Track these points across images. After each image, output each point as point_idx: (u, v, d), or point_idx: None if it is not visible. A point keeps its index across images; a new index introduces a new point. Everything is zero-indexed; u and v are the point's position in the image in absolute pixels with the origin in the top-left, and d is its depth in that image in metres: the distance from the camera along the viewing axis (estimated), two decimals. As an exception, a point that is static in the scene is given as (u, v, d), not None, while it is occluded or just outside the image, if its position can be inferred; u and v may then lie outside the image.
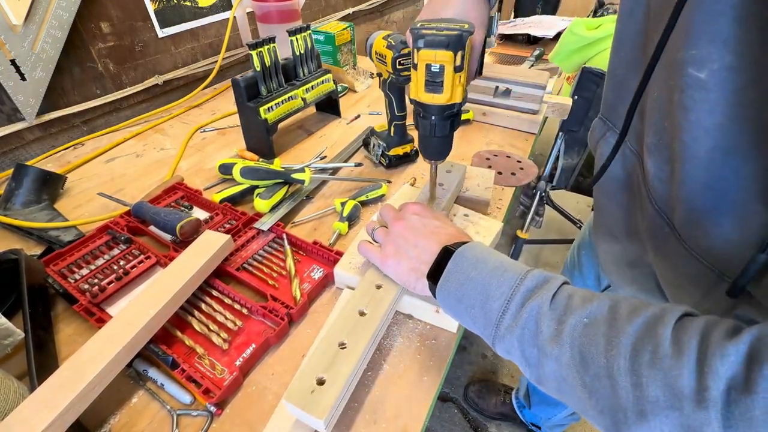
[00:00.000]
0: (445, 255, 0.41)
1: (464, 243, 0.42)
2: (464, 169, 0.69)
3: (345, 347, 0.42)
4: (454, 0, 0.48)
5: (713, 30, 0.30)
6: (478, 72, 0.51)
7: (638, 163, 0.46)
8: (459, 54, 0.42)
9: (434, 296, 0.42)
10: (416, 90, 0.46)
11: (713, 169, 0.34)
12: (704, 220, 0.36)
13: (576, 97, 0.98)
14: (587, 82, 1.32)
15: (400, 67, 0.67)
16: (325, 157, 0.86)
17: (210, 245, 0.56)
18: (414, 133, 0.83)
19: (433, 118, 0.47)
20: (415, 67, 0.44)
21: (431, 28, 0.42)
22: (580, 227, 1.86)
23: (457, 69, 0.42)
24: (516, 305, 0.35)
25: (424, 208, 0.50)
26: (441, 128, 0.48)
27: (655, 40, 0.36)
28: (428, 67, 0.43)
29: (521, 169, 0.80)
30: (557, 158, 1.52)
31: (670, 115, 0.36)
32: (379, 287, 0.49)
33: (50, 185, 0.73)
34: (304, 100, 0.89)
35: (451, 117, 0.48)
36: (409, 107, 0.77)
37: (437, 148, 0.52)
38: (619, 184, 0.51)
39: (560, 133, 1.46)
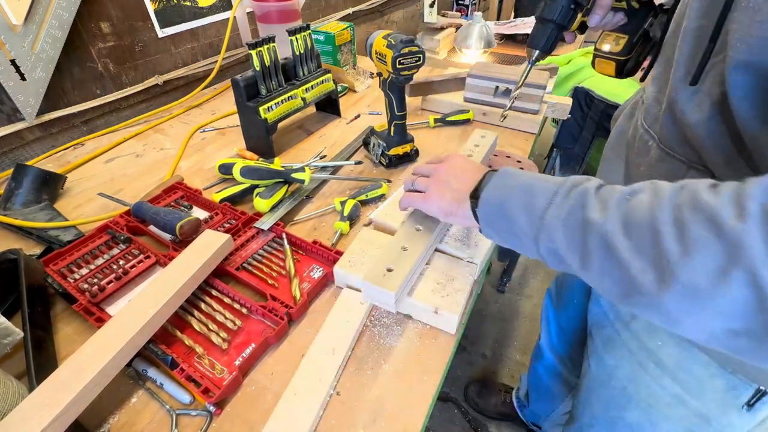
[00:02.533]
0: (487, 176, 0.43)
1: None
2: (495, 138, 0.75)
3: (406, 250, 0.53)
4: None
5: None
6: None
7: (641, 104, 0.53)
8: None
9: (475, 217, 0.44)
10: None
11: (687, 62, 0.41)
12: (676, 106, 0.42)
13: (570, 116, 0.99)
14: (580, 101, 1.33)
15: (400, 66, 0.67)
16: (325, 156, 0.86)
17: (210, 245, 0.55)
18: (414, 133, 0.83)
19: None
20: None
21: None
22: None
23: None
24: (561, 197, 0.36)
25: (462, 156, 0.52)
26: (553, 9, 0.52)
27: None
28: None
29: (521, 169, 0.80)
30: (552, 172, 1.53)
31: (677, 34, 0.43)
32: (418, 230, 0.56)
33: (50, 185, 0.73)
34: (303, 99, 0.89)
35: (567, 4, 0.51)
36: (409, 107, 0.78)
37: (543, 33, 0.55)
38: (623, 137, 0.57)
39: (555, 150, 1.47)
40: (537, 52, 0.57)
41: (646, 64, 1.53)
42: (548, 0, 0.52)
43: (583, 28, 0.57)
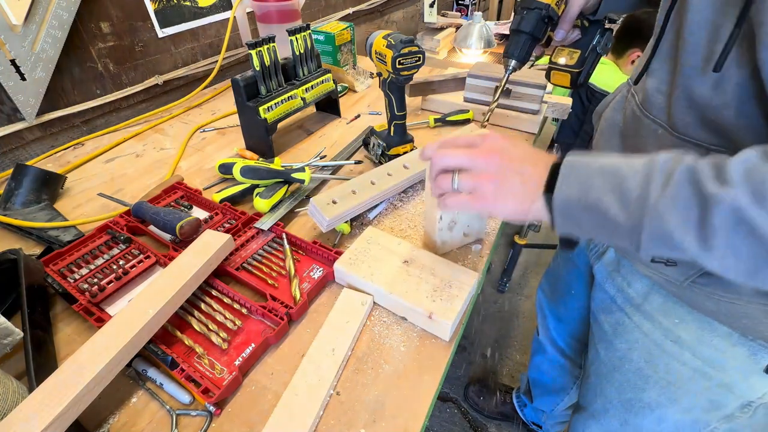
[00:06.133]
0: (556, 172, 0.38)
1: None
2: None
3: (355, 193, 0.65)
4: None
5: None
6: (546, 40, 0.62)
7: (631, 96, 0.54)
8: None
9: (551, 215, 0.38)
10: None
11: (703, 51, 0.40)
12: (695, 96, 0.42)
13: (571, 110, 1.00)
14: (580, 95, 1.33)
15: (400, 66, 0.67)
16: (325, 156, 0.86)
17: (210, 245, 0.55)
18: (414, 133, 0.83)
19: (525, 12, 0.57)
20: None
21: None
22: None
23: None
24: (659, 175, 0.33)
25: (503, 137, 0.43)
26: (527, 22, 0.57)
27: None
28: None
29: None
30: None
31: (677, 29, 0.45)
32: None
33: (50, 185, 0.73)
34: (303, 99, 0.88)
35: (538, 18, 0.57)
36: (409, 107, 0.78)
37: (518, 43, 0.60)
38: (617, 129, 0.57)
39: (555, 145, 1.47)
40: (513, 61, 0.62)
41: (635, 56, 1.51)
42: (523, 14, 0.58)
43: (548, 42, 0.63)
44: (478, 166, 0.42)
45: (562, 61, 0.66)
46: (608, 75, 1.38)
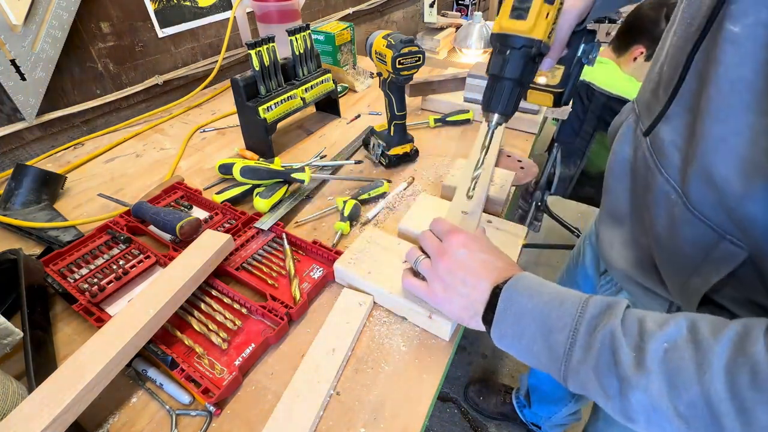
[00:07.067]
0: (497, 296, 0.40)
1: (515, 275, 0.41)
2: (503, 132, 0.70)
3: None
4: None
5: None
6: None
7: (644, 141, 0.48)
8: None
9: (491, 337, 0.41)
10: (500, 19, 0.43)
11: (732, 123, 0.35)
12: (714, 175, 0.37)
13: (571, 110, 0.99)
14: (581, 94, 1.33)
15: (400, 66, 0.67)
16: (325, 156, 0.86)
17: (210, 245, 0.55)
18: (414, 133, 0.83)
19: (508, 51, 0.43)
20: None
21: None
22: (577, 236, 1.86)
23: (547, 0, 0.40)
24: (584, 336, 0.34)
25: (468, 238, 0.46)
26: (513, 67, 0.43)
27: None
28: None
29: (522, 168, 0.80)
30: (553, 168, 1.53)
31: (701, 75, 0.38)
32: None
33: (50, 185, 0.73)
34: (303, 99, 0.88)
35: (527, 58, 0.43)
36: (409, 107, 0.77)
37: (501, 93, 0.46)
38: (628, 167, 0.52)
39: (555, 145, 1.47)
40: (497, 116, 0.47)
41: (638, 53, 1.47)
42: (506, 55, 0.44)
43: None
44: (435, 264, 0.46)
45: (542, 80, 0.55)
46: (608, 74, 1.38)
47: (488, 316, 0.41)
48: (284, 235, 0.62)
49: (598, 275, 0.70)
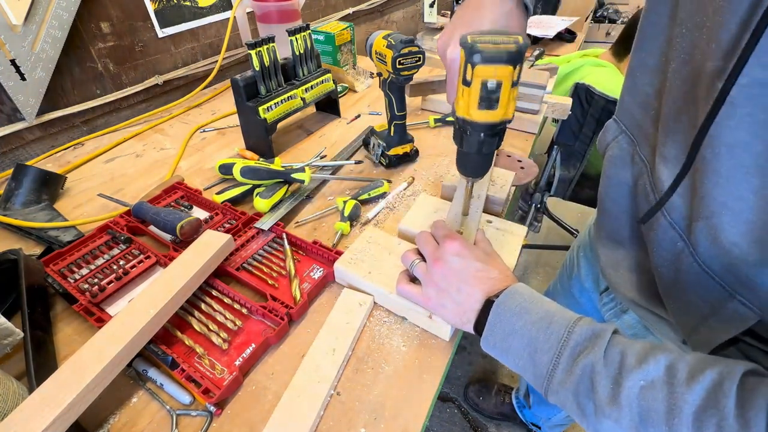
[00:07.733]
0: (489, 307, 0.41)
1: (507, 288, 0.42)
2: (488, 175, 0.69)
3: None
4: (489, 10, 0.43)
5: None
6: None
7: (646, 172, 0.45)
8: (518, 68, 0.38)
9: (480, 344, 0.43)
10: (467, 107, 0.41)
11: (732, 188, 0.32)
12: (722, 240, 0.34)
13: (570, 112, 1.00)
14: (580, 97, 1.33)
15: (400, 66, 0.67)
16: (325, 156, 0.86)
17: (210, 245, 0.55)
18: (414, 133, 0.83)
19: (481, 135, 0.43)
20: (468, 83, 0.39)
21: (486, 41, 0.37)
22: (576, 237, 1.86)
23: (514, 84, 0.39)
24: (567, 360, 0.35)
25: (463, 246, 0.46)
26: (489, 145, 0.44)
27: (688, 50, 0.35)
28: (484, 83, 0.39)
29: (522, 168, 0.80)
30: (553, 170, 1.53)
31: (693, 129, 0.35)
32: None
33: (50, 185, 0.73)
34: (303, 99, 0.88)
35: (499, 133, 0.44)
36: (409, 107, 0.77)
37: (480, 164, 0.48)
38: (626, 190, 0.50)
39: (555, 147, 1.47)
40: (471, 178, 0.50)
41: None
42: (465, 135, 0.44)
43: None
44: (430, 269, 0.47)
45: None
46: (607, 78, 1.38)
47: (479, 326, 0.42)
48: (284, 235, 0.62)
49: (599, 292, 0.67)
